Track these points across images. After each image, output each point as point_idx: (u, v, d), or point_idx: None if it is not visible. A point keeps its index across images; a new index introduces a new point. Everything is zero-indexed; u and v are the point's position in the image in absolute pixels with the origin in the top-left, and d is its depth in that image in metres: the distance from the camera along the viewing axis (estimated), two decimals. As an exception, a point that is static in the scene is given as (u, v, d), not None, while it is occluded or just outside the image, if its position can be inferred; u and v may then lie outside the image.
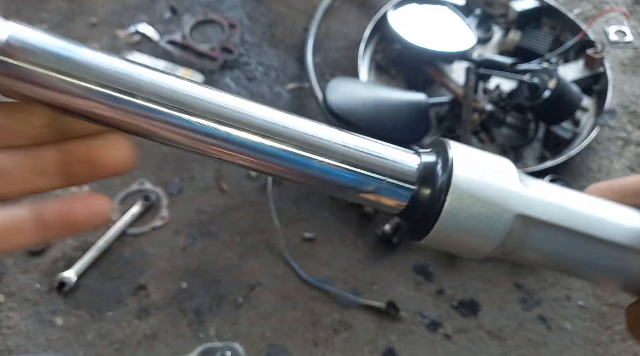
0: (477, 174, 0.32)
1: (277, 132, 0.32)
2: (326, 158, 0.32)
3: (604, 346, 1.28)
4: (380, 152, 0.33)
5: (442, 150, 0.34)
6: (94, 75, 0.30)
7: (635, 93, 1.70)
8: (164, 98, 0.30)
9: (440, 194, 0.32)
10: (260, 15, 1.80)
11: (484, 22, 1.75)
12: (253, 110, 0.33)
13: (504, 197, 0.32)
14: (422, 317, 1.28)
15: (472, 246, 0.33)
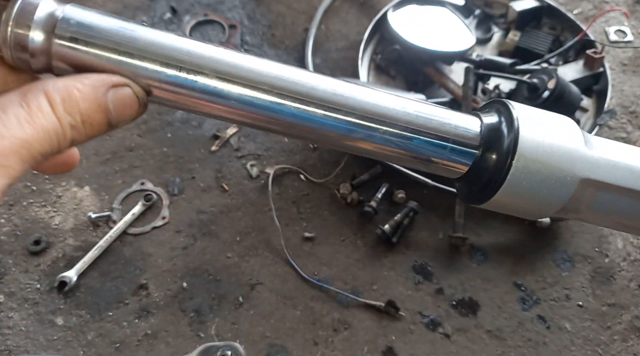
0: (542, 137, 0.31)
1: (340, 103, 0.31)
2: (389, 127, 0.31)
3: (604, 346, 1.28)
4: (442, 116, 0.32)
5: (505, 111, 0.32)
6: (154, 54, 0.30)
7: (635, 93, 1.70)
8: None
9: (507, 159, 0.31)
10: (260, 15, 1.80)
11: (483, 22, 1.75)
12: (311, 80, 0.32)
13: (570, 161, 0.31)
14: (421, 316, 1.28)
15: (534, 209, 0.32)
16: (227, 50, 0.31)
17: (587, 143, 0.32)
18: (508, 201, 0.32)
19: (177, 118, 1.56)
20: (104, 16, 0.29)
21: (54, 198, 1.39)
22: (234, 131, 1.54)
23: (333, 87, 0.32)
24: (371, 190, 1.45)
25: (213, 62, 0.30)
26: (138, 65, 0.29)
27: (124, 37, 0.29)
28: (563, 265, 1.38)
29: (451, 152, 0.32)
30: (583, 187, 0.31)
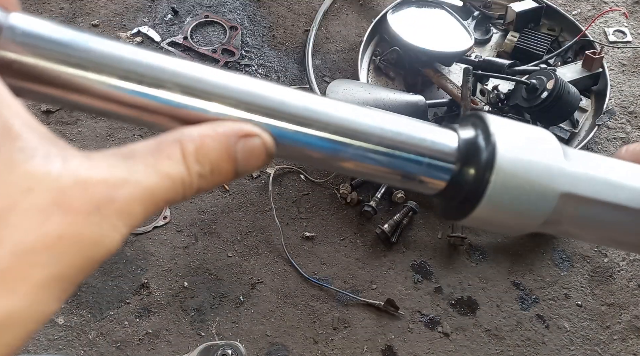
0: (520, 150, 0.31)
1: (311, 118, 0.30)
2: (362, 142, 0.31)
3: (603, 346, 1.28)
4: (416, 131, 0.32)
5: (482, 125, 0.32)
6: (109, 67, 0.28)
7: (634, 93, 1.70)
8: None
9: (484, 173, 0.30)
10: (261, 17, 1.81)
11: (482, 23, 1.76)
12: (282, 95, 0.31)
13: (549, 175, 0.31)
14: (420, 315, 1.29)
15: (515, 224, 0.32)
16: (191, 63, 0.30)
17: (567, 157, 0.32)
18: (488, 216, 0.31)
19: (178, 119, 1.57)
20: (54, 25, 0.27)
21: (56, 198, 1.40)
22: (234, 132, 1.55)
23: (304, 102, 0.31)
24: (371, 190, 1.45)
25: (176, 75, 0.29)
26: (92, 79, 0.28)
27: (76, 47, 0.27)
28: (562, 265, 1.38)
29: (428, 168, 0.32)
30: (564, 201, 0.31)
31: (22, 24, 0.26)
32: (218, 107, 0.29)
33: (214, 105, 0.29)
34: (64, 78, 0.27)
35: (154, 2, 1.81)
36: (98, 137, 1.52)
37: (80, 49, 0.27)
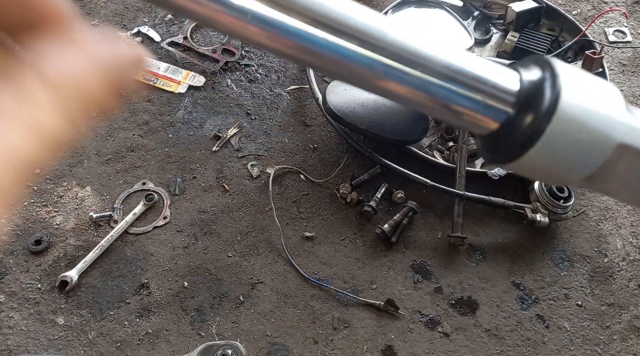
0: (583, 99, 0.29)
1: (376, 37, 0.29)
2: (424, 70, 0.29)
3: (603, 346, 1.28)
4: (480, 67, 0.30)
5: (549, 69, 0.31)
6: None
7: (635, 93, 1.70)
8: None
9: (542, 121, 0.29)
10: (260, 17, 1.81)
11: (482, 23, 1.76)
12: (348, 9, 0.29)
13: (608, 124, 0.29)
14: (420, 315, 1.29)
15: (563, 173, 0.31)
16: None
17: (629, 111, 0.31)
18: (536, 163, 0.30)
19: (178, 118, 1.57)
20: None
21: (55, 198, 1.40)
22: (234, 131, 1.55)
23: (369, 20, 0.29)
24: (371, 190, 1.45)
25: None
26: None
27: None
28: (562, 265, 1.38)
29: (484, 108, 0.31)
30: (619, 153, 0.30)
31: None
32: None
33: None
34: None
35: (153, 2, 1.81)
36: (98, 136, 1.52)
37: None
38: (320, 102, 1.47)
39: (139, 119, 1.56)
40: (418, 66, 0.29)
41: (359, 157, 1.51)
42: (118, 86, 0.28)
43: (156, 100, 1.60)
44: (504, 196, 1.40)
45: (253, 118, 1.59)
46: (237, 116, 1.59)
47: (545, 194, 1.36)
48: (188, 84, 1.63)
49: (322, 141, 1.56)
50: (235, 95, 1.63)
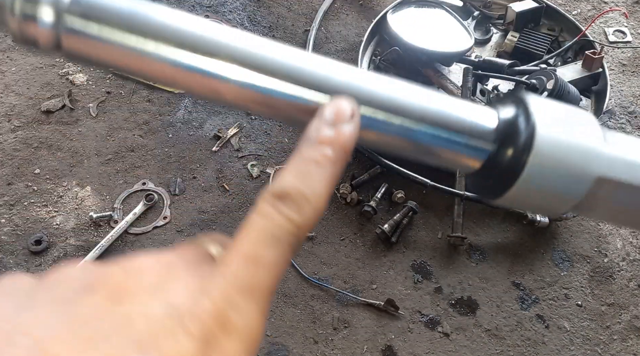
0: (559, 132, 0.30)
1: (357, 92, 0.30)
2: (404, 118, 0.30)
3: (603, 346, 1.28)
4: (457, 109, 0.32)
5: (522, 105, 0.32)
6: (168, 35, 0.29)
7: (634, 93, 1.70)
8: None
9: (522, 154, 0.30)
10: (261, 17, 1.81)
11: (482, 23, 1.76)
12: (325, 68, 0.31)
13: (586, 157, 0.30)
14: (420, 315, 1.29)
15: (548, 205, 0.32)
16: (245, 33, 0.31)
17: (606, 140, 0.31)
18: (522, 197, 0.31)
19: (178, 118, 1.57)
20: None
21: (55, 198, 1.40)
22: (234, 131, 1.55)
23: (348, 77, 0.30)
24: (371, 190, 1.45)
25: (230, 46, 0.30)
26: (149, 47, 0.29)
27: (137, 16, 0.29)
28: (562, 265, 1.38)
29: (466, 147, 0.32)
30: (599, 184, 0.31)
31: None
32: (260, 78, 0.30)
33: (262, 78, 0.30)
34: (125, 45, 0.28)
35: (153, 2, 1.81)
36: (98, 136, 1.52)
37: (141, 17, 0.28)
38: (320, 102, 1.46)
39: (139, 119, 1.56)
40: (398, 114, 0.30)
41: (359, 157, 1.51)
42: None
43: (156, 100, 1.60)
44: (504, 196, 1.40)
45: (253, 118, 1.59)
46: (237, 116, 1.59)
47: (545, 194, 1.36)
48: (188, 84, 1.62)
49: (322, 141, 1.56)
50: (235, 95, 1.63)
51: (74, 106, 1.56)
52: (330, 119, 0.28)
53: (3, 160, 1.46)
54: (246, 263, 0.25)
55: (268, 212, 0.27)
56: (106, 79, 1.62)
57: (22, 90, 1.58)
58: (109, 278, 0.24)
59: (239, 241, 0.26)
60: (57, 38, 0.28)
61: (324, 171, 0.27)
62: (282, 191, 0.27)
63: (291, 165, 0.28)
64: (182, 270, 0.26)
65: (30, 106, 1.56)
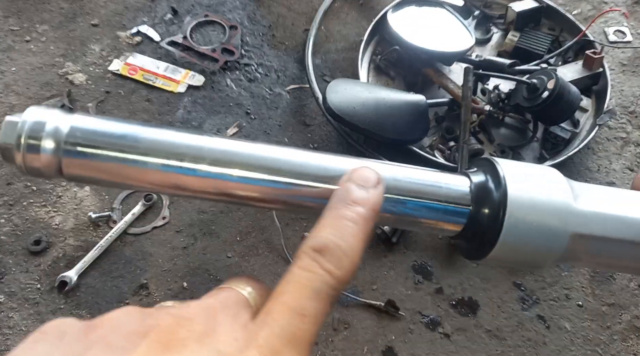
0: (530, 193, 0.32)
1: (331, 176, 0.33)
2: (389, 195, 0.33)
3: (604, 346, 1.28)
4: (431, 179, 0.34)
5: (491, 169, 0.34)
6: (158, 151, 0.32)
7: (635, 93, 1.70)
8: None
9: (499, 212, 0.32)
10: (260, 17, 1.81)
11: (482, 23, 1.75)
12: (303, 158, 0.35)
13: (559, 217, 0.32)
14: (421, 316, 1.29)
15: (531, 263, 0.34)
16: (223, 139, 0.33)
17: (575, 195, 0.33)
18: (505, 257, 0.33)
19: (177, 118, 1.56)
20: (108, 121, 0.32)
21: (54, 198, 1.40)
22: (234, 131, 1.54)
23: (326, 163, 0.34)
24: (371, 190, 1.45)
25: (211, 151, 0.32)
26: (142, 161, 0.32)
27: (128, 139, 0.32)
28: (562, 265, 1.38)
29: (444, 213, 0.34)
30: (575, 240, 0.33)
31: (82, 124, 0.32)
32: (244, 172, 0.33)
33: (236, 171, 0.33)
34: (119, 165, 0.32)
35: (153, 1, 1.80)
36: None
37: (131, 140, 0.32)
38: (321, 102, 1.46)
39: (138, 119, 1.55)
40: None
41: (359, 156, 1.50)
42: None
43: (155, 100, 1.59)
44: (505, 196, 1.39)
45: (253, 117, 1.58)
46: (236, 116, 1.58)
47: (546, 194, 1.36)
48: (187, 83, 1.62)
49: (322, 141, 1.55)
50: (234, 95, 1.62)
51: (73, 106, 1.56)
52: (362, 183, 0.31)
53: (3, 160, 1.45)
54: (291, 315, 0.26)
55: (310, 266, 0.28)
56: (105, 79, 1.62)
57: (22, 90, 1.58)
58: (160, 325, 0.26)
59: (282, 292, 0.28)
60: (58, 164, 0.31)
61: (358, 228, 0.29)
62: (322, 245, 0.29)
63: (326, 220, 0.30)
64: (224, 317, 0.27)
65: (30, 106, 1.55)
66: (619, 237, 0.33)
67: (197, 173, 0.32)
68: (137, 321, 0.26)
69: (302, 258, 0.29)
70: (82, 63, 1.64)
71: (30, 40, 1.68)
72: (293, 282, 0.28)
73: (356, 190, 0.31)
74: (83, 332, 0.26)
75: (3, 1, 1.76)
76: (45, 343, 0.26)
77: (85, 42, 1.69)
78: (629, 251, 0.34)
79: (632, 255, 0.34)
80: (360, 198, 0.30)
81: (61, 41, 1.68)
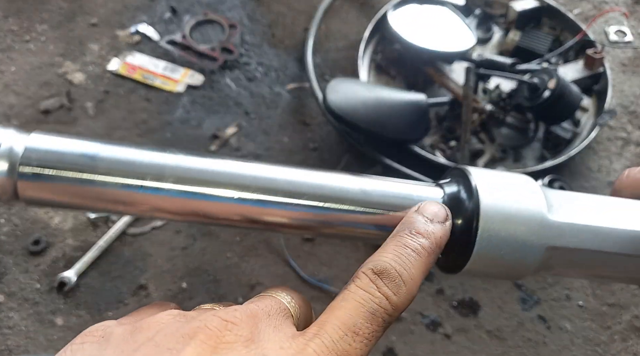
0: (503, 203, 0.32)
1: (305, 192, 0.33)
2: (356, 206, 0.32)
3: (604, 346, 1.28)
4: (403, 191, 0.33)
5: (463, 178, 0.33)
6: (116, 171, 0.31)
7: (635, 93, 1.70)
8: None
9: (472, 221, 0.31)
10: (260, 15, 1.80)
11: (483, 22, 1.75)
12: (270, 173, 0.34)
13: (532, 230, 0.31)
14: (422, 317, 1.28)
15: (508, 274, 0.33)
16: (186, 156, 0.32)
17: (549, 206, 0.32)
18: (481, 269, 0.33)
19: (176, 118, 1.56)
20: (66, 140, 0.31)
21: (54, 198, 1.39)
22: (233, 131, 1.54)
23: (293, 177, 0.33)
24: (371, 190, 1.44)
25: (175, 168, 0.31)
26: (101, 181, 0.30)
27: (86, 159, 0.30)
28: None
29: None
30: (551, 253, 0.32)
31: (39, 144, 0.30)
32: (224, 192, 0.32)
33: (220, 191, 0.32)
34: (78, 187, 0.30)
35: (152, 0, 1.80)
36: (96, 136, 1.50)
37: (89, 159, 0.30)
38: (321, 101, 1.46)
39: (137, 118, 1.55)
40: (350, 204, 0.33)
41: (360, 156, 1.50)
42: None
43: (154, 99, 1.59)
44: (505, 196, 1.39)
45: (252, 117, 1.58)
46: (236, 115, 1.58)
47: (547, 194, 1.36)
48: (186, 82, 1.62)
49: (322, 140, 1.55)
50: (234, 94, 1.62)
51: (72, 105, 1.55)
52: (430, 217, 0.31)
53: None
54: (344, 331, 0.27)
55: (368, 286, 0.28)
56: (104, 78, 1.61)
57: (21, 90, 1.57)
58: (207, 327, 0.26)
59: (337, 307, 0.28)
60: (13, 187, 0.30)
61: (420, 259, 0.29)
62: (383, 269, 0.29)
63: (390, 247, 0.30)
64: (267, 324, 0.28)
65: (29, 105, 1.55)
66: (594, 249, 0.33)
67: (167, 193, 0.31)
68: (183, 323, 0.26)
69: (361, 277, 0.29)
70: (81, 62, 1.64)
71: (29, 40, 1.67)
72: (350, 299, 0.28)
73: (423, 222, 0.31)
74: (129, 333, 0.26)
75: (3, 1, 1.75)
76: (93, 344, 0.26)
77: (84, 42, 1.68)
78: (607, 261, 0.34)
79: (611, 265, 0.34)
80: (426, 231, 0.30)
81: (60, 41, 1.68)
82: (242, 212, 0.32)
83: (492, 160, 1.50)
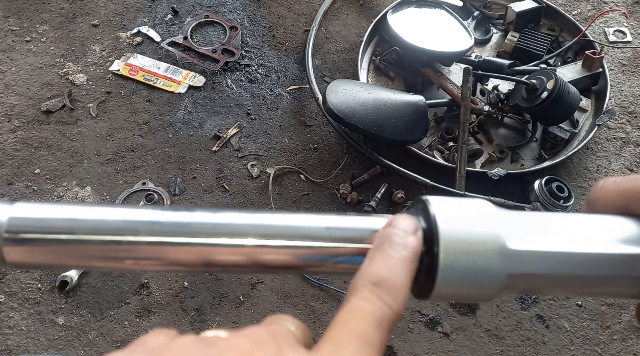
0: (462, 231, 0.33)
1: (276, 233, 0.34)
2: (316, 242, 0.34)
3: (603, 346, 1.28)
4: (360, 225, 0.34)
5: (423, 209, 0.34)
6: (96, 230, 0.33)
7: (634, 93, 1.70)
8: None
9: (432, 247, 0.32)
10: (261, 17, 1.81)
11: (482, 23, 1.76)
12: (236, 218, 0.34)
13: (491, 259, 0.33)
14: (420, 315, 1.29)
15: (475, 298, 0.34)
16: (162, 211, 0.34)
17: (508, 233, 0.33)
18: (447, 295, 0.34)
19: (178, 118, 1.57)
20: (48, 206, 0.33)
21: (55, 198, 1.40)
22: (234, 131, 1.55)
23: (262, 220, 0.34)
24: (371, 190, 1.45)
25: (151, 224, 0.33)
26: (79, 240, 0.32)
27: (65, 222, 0.33)
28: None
29: None
30: (513, 278, 0.33)
31: (23, 213, 0.32)
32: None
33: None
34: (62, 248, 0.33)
35: (154, 2, 1.81)
36: (98, 136, 1.52)
37: (70, 224, 0.33)
38: (321, 102, 1.47)
39: (139, 119, 1.56)
40: (311, 240, 0.34)
41: (359, 157, 1.51)
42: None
43: (156, 100, 1.60)
44: (504, 196, 1.40)
45: (253, 118, 1.59)
46: (237, 116, 1.59)
47: (545, 194, 1.36)
48: (188, 84, 1.63)
49: (322, 141, 1.56)
50: (235, 95, 1.63)
51: (74, 106, 1.56)
52: (404, 229, 0.33)
53: (3, 160, 1.46)
54: (359, 343, 0.28)
55: (370, 298, 0.30)
56: (106, 79, 1.62)
57: (22, 90, 1.58)
58: (239, 347, 0.28)
59: (346, 321, 0.29)
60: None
61: (406, 267, 0.31)
62: (379, 279, 0.31)
63: (377, 259, 0.32)
64: (286, 344, 0.29)
65: (31, 106, 1.56)
66: (554, 273, 0.34)
67: (142, 245, 0.33)
68: (208, 345, 0.28)
69: (361, 290, 0.31)
70: (82, 63, 1.65)
71: (30, 41, 1.69)
72: (356, 312, 0.29)
73: (399, 234, 0.33)
74: (192, 346, 0.28)
75: (3, 1, 1.76)
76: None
77: (85, 43, 1.69)
78: (570, 283, 0.34)
79: (575, 285, 0.35)
80: (404, 242, 0.32)
81: (61, 41, 1.69)
82: (200, 256, 0.34)
83: (490, 161, 1.50)
